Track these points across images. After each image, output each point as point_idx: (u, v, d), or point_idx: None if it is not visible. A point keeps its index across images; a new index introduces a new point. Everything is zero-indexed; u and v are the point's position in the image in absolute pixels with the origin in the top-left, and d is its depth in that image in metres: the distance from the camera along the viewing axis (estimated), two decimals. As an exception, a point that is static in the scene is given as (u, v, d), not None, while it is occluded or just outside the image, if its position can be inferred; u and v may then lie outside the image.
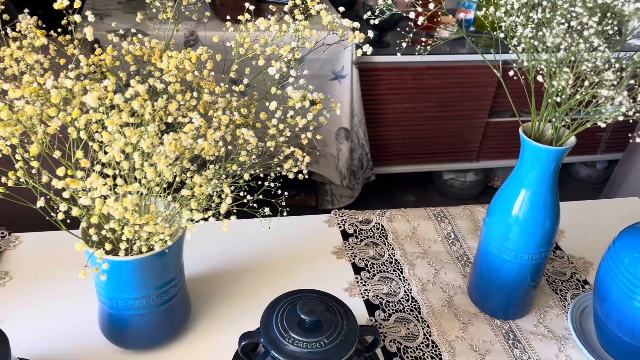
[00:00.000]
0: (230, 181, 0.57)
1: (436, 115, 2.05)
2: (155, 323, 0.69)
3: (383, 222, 0.96)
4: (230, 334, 0.71)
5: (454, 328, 0.77)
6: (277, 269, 0.85)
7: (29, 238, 0.86)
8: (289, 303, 0.65)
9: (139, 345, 0.71)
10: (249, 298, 0.79)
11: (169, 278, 0.67)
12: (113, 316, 0.68)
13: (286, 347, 0.60)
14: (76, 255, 0.83)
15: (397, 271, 0.86)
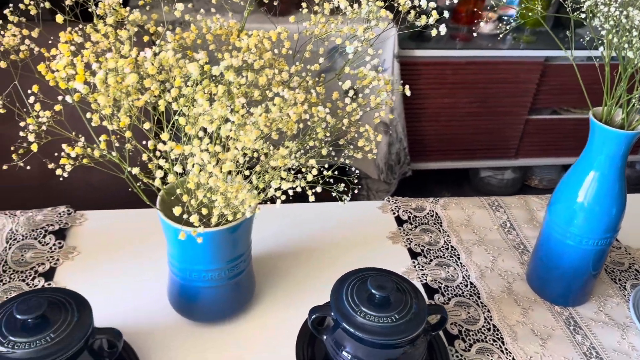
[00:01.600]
0: (312, 154, 0.58)
1: (476, 111, 2.04)
2: (223, 296, 0.71)
3: (437, 209, 0.96)
4: (294, 311, 0.73)
5: (515, 313, 0.77)
6: (334, 252, 0.86)
7: (94, 216, 0.89)
8: (358, 279, 0.66)
9: (206, 317, 0.72)
10: (309, 278, 0.81)
11: (239, 252, 0.69)
12: (184, 288, 0.70)
13: (357, 320, 0.62)
14: (141, 232, 0.86)
15: (454, 257, 0.87)
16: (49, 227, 0.85)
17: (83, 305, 0.61)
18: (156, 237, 0.83)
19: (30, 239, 0.83)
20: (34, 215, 0.87)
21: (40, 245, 0.82)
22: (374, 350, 0.62)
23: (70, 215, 0.88)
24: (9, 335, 0.56)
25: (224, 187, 0.51)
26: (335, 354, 0.64)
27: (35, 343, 0.56)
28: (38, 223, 0.86)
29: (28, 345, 0.55)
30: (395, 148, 1.93)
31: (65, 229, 0.86)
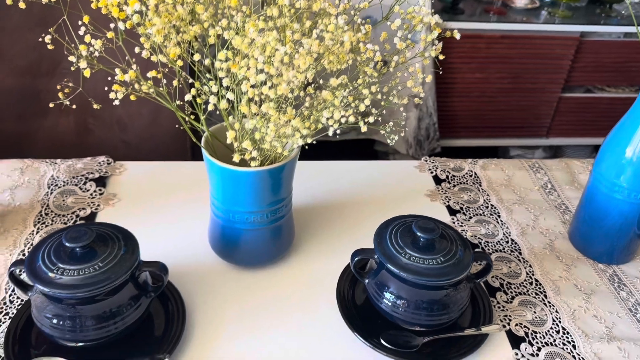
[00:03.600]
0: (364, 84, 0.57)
1: (508, 87, 2.01)
2: (263, 241, 0.71)
3: (476, 169, 0.95)
4: (333, 260, 0.73)
5: (557, 269, 0.76)
6: (372, 208, 0.85)
7: (133, 166, 0.90)
8: (402, 224, 0.65)
9: (246, 261, 0.72)
10: (347, 230, 0.80)
11: (281, 197, 0.68)
12: (226, 230, 0.70)
13: (402, 261, 0.61)
14: (180, 183, 0.86)
15: (494, 215, 0.85)
16: (89, 175, 0.86)
17: (130, 239, 0.61)
18: (195, 187, 0.84)
19: (71, 185, 0.84)
20: (74, 164, 0.88)
21: (81, 191, 0.83)
22: (418, 291, 0.61)
23: (109, 165, 0.89)
24: (58, 262, 0.56)
25: (276, 116, 0.50)
26: (377, 296, 0.64)
27: (83, 271, 0.56)
28: (78, 171, 0.87)
29: (76, 273, 0.56)
30: (425, 123, 1.91)
31: (105, 177, 0.86)
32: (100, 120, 1.15)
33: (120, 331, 0.59)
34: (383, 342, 0.62)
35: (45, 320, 0.57)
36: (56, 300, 0.56)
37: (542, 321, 0.68)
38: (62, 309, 0.56)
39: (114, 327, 0.58)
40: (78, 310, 0.56)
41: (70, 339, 0.58)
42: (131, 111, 1.14)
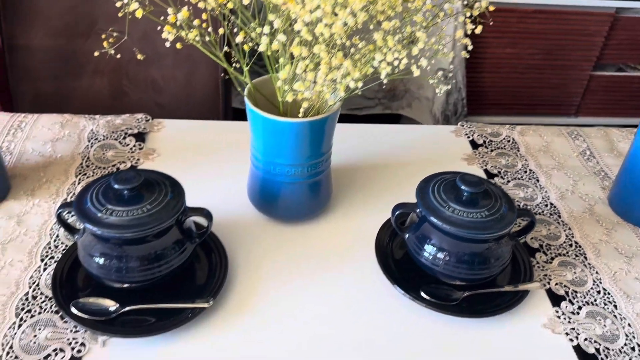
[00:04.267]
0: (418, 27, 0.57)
1: (538, 63, 1.97)
2: (302, 195, 0.71)
3: (514, 135, 0.94)
4: (370, 218, 0.73)
5: (597, 232, 0.75)
6: (408, 169, 0.84)
7: (171, 124, 0.90)
8: (444, 180, 0.65)
9: (284, 215, 0.73)
10: (384, 190, 0.80)
11: (322, 151, 0.68)
12: (265, 183, 0.70)
13: (445, 214, 0.61)
14: (218, 140, 0.87)
15: (533, 180, 0.84)
16: (128, 131, 0.87)
17: (176, 185, 0.62)
18: (231, 146, 0.84)
19: (111, 139, 0.85)
20: (113, 120, 0.89)
21: (120, 145, 0.84)
22: (460, 245, 0.61)
23: (147, 122, 0.89)
24: (107, 203, 0.57)
25: (327, 58, 0.50)
26: (417, 251, 0.64)
27: (131, 212, 0.57)
28: (117, 126, 0.87)
29: (125, 214, 0.57)
30: (454, 98, 1.89)
31: (143, 133, 0.87)
32: (134, 82, 1.15)
33: (165, 274, 0.60)
34: (423, 294, 0.62)
35: (92, 262, 0.58)
36: (104, 241, 0.57)
37: (582, 281, 0.68)
38: (110, 249, 0.57)
39: (158, 270, 0.59)
40: (125, 251, 0.57)
41: (116, 280, 0.59)
42: (166, 74, 1.15)
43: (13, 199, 0.73)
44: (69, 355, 0.55)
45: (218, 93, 1.19)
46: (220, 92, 1.19)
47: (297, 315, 0.62)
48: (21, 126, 0.86)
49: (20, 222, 0.70)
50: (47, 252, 0.66)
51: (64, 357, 0.55)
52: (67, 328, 0.58)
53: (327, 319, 0.61)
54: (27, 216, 0.71)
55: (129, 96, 1.16)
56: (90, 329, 0.57)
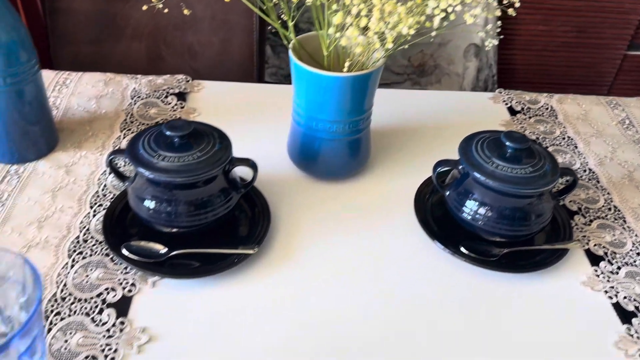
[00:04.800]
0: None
1: (571, 41, 1.94)
2: (342, 152, 0.72)
3: (552, 103, 0.93)
4: (408, 178, 0.74)
5: (636, 197, 0.75)
6: (446, 133, 0.85)
7: (211, 85, 0.91)
8: (487, 137, 0.66)
9: (323, 172, 0.74)
10: (422, 153, 0.80)
11: (364, 108, 0.69)
12: (307, 139, 0.71)
13: (489, 169, 0.61)
14: (258, 101, 0.88)
15: (571, 146, 0.84)
16: (170, 90, 0.88)
17: (224, 137, 0.63)
18: (270, 107, 0.85)
19: (153, 98, 0.87)
20: (154, 79, 0.90)
21: (162, 104, 0.86)
22: (502, 200, 0.61)
23: (188, 82, 0.91)
24: (159, 149, 0.59)
25: (380, 5, 0.51)
26: (457, 207, 0.64)
27: (182, 158, 0.58)
28: (159, 85, 0.89)
29: (176, 160, 0.58)
30: (484, 74, 1.88)
31: (184, 93, 0.88)
32: (172, 47, 1.17)
33: (211, 222, 0.61)
34: (463, 249, 0.63)
35: (142, 206, 0.60)
36: (155, 185, 0.59)
37: (622, 244, 0.68)
38: (160, 193, 0.59)
39: (204, 216, 0.61)
40: (174, 195, 0.59)
41: (165, 224, 0.61)
42: (202, 39, 1.16)
43: (61, 150, 0.75)
44: (120, 294, 0.57)
45: (252, 61, 1.20)
46: (254, 60, 1.20)
47: (337, 268, 0.63)
48: (66, 83, 0.88)
49: (68, 172, 0.72)
50: (96, 200, 0.68)
51: (115, 296, 0.57)
52: (118, 270, 0.60)
53: (366, 273, 0.63)
54: (75, 166, 0.73)
55: (166, 61, 1.18)
56: (140, 270, 0.59)
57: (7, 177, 0.70)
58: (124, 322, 0.55)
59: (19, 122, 0.71)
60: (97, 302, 0.56)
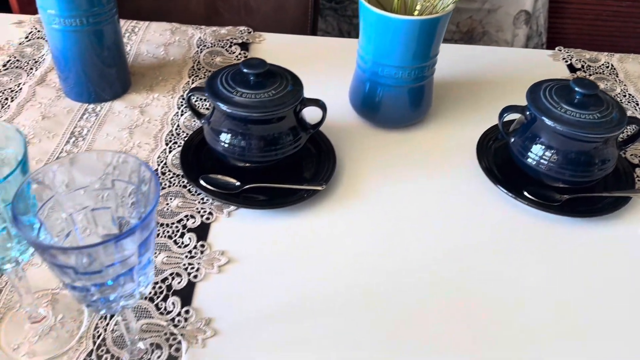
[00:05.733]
0: None
1: (625, 11, 1.89)
2: (405, 99, 0.73)
3: (613, 61, 0.93)
4: (469, 128, 0.75)
5: (700, 154, 0.75)
6: (508, 88, 0.85)
7: (270, 36, 0.94)
8: (555, 84, 0.66)
9: (385, 120, 0.75)
10: (483, 106, 0.81)
11: (430, 55, 0.70)
12: (370, 85, 0.72)
13: (556, 114, 0.62)
14: (319, 53, 0.90)
15: (632, 103, 0.84)
16: (233, 40, 0.91)
17: (296, 78, 0.65)
18: (331, 58, 0.87)
19: (218, 47, 0.89)
20: (218, 30, 0.93)
21: (227, 53, 0.88)
22: (568, 145, 0.62)
23: (250, 34, 0.93)
24: (236, 86, 0.62)
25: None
26: (522, 153, 0.65)
27: (258, 95, 0.61)
28: (222, 36, 0.92)
29: (253, 96, 0.61)
30: (533, 42, 1.85)
31: (247, 43, 0.91)
32: (228, 3, 1.19)
33: (281, 159, 0.64)
34: (526, 194, 0.65)
35: (218, 141, 0.63)
36: (232, 119, 0.62)
37: (685, 196, 0.68)
38: (236, 127, 0.62)
39: (274, 153, 0.63)
40: (249, 130, 0.62)
41: (238, 158, 0.64)
42: (258, -5, 1.18)
43: (134, 92, 0.79)
44: (199, 221, 0.61)
45: (307, 18, 1.21)
46: (309, 17, 1.21)
47: (400, 210, 0.65)
48: (135, 30, 0.91)
49: (143, 112, 0.75)
50: (170, 138, 0.72)
51: (195, 222, 0.61)
52: (195, 200, 0.63)
53: (428, 216, 0.64)
54: (148, 107, 0.76)
55: (223, 17, 1.20)
56: (217, 200, 0.62)
57: (85, 115, 0.74)
58: (204, 245, 0.58)
59: (97, 64, 0.74)
60: (178, 227, 0.60)
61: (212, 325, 0.51)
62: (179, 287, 0.54)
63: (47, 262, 0.35)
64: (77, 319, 0.50)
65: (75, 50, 0.72)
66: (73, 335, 0.49)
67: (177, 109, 0.76)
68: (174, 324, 0.51)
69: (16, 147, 0.40)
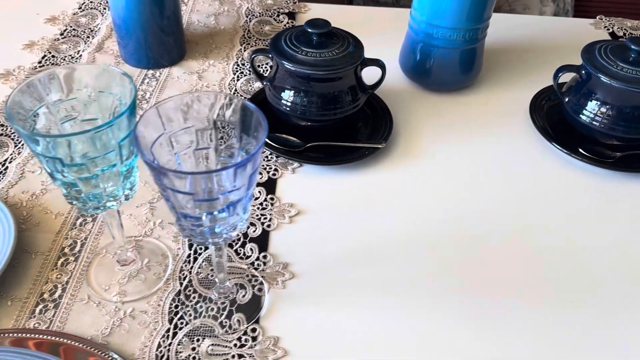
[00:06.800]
0: None
1: (653, -12, 1.88)
2: (457, 62, 0.75)
3: (655, 28, 0.93)
4: (519, 92, 0.76)
5: None
6: (552, 56, 0.86)
7: (315, 7, 0.95)
8: (609, 45, 0.67)
9: (436, 83, 0.77)
10: (529, 72, 0.82)
11: (484, 17, 0.72)
12: (423, 48, 0.74)
13: (612, 71, 0.63)
14: (364, 21, 0.91)
15: (677, 68, 0.85)
16: (280, 10, 0.93)
17: (357, 40, 0.67)
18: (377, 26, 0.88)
19: (266, 16, 0.91)
20: (264, 0, 0.95)
21: (275, 22, 0.90)
22: (624, 99, 0.64)
23: (295, 4, 0.95)
24: (300, 46, 0.64)
25: None
26: (576, 111, 0.67)
27: (321, 54, 0.63)
28: (269, 6, 0.94)
29: (317, 55, 0.63)
30: (561, 20, 1.85)
31: (293, 13, 0.93)
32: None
33: (340, 118, 0.66)
34: (581, 150, 0.66)
35: (281, 100, 0.65)
36: (295, 78, 0.64)
37: None
38: (299, 85, 0.64)
39: (334, 112, 0.65)
40: (312, 87, 0.64)
41: (300, 117, 0.66)
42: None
43: (190, 59, 0.81)
44: (265, 177, 0.63)
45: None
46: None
47: (456, 170, 0.66)
48: (184, 1, 0.93)
49: (201, 77, 0.78)
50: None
51: (262, 178, 0.63)
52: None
53: (484, 174, 0.66)
54: (205, 73, 0.79)
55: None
56: (283, 156, 0.64)
57: (146, 80, 0.77)
58: (273, 198, 0.61)
59: (157, 32, 0.76)
60: (247, 181, 0.62)
61: (289, 269, 0.53)
62: (254, 235, 0.57)
63: (165, 190, 0.37)
64: (162, 263, 0.53)
65: (137, 18, 0.74)
66: (160, 277, 0.52)
67: (232, 75, 0.78)
68: (254, 267, 0.53)
69: (123, 89, 0.42)
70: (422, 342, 0.48)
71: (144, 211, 0.58)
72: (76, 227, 0.56)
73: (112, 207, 0.44)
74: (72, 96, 0.43)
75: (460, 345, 0.48)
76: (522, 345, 0.49)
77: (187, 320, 0.49)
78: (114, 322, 0.48)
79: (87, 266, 0.53)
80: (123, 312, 0.49)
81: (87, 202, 0.42)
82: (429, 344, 0.48)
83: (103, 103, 0.43)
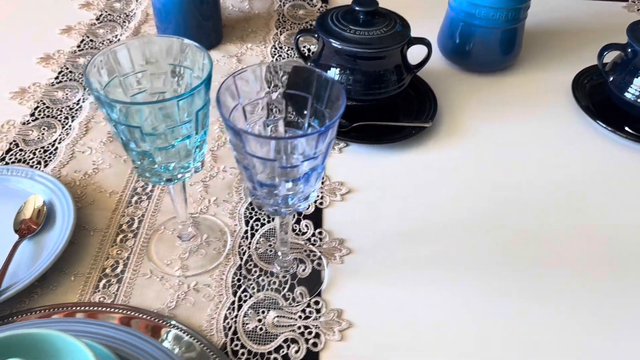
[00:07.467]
0: None
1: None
2: (497, 42, 0.75)
3: (689, 10, 0.93)
4: (560, 73, 0.77)
5: None
6: (589, 38, 0.86)
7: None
8: (655, 21, 0.67)
9: (475, 63, 0.77)
10: (567, 54, 0.82)
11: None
12: (464, 28, 0.74)
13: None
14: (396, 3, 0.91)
15: None
16: (313, -6, 0.93)
17: (403, 20, 0.67)
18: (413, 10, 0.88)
19: (299, 1, 0.91)
20: (296, -15, 0.95)
21: (309, 6, 0.90)
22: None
23: (327, -14, 0.95)
24: (348, 24, 0.64)
25: None
26: (622, 89, 0.67)
27: (369, 32, 0.63)
28: (302, -10, 0.94)
29: (364, 33, 0.63)
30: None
31: (326, -3, 0.93)
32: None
33: (384, 98, 0.66)
34: (627, 128, 0.66)
35: (327, 81, 0.65)
36: (341, 55, 0.64)
37: None
38: (345, 62, 0.64)
39: (379, 92, 0.66)
40: (358, 65, 0.64)
41: (346, 96, 0.66)
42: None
43: (228, 43, 0.81)
44: (313, 156, 0.63)
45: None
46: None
47: (501, 148, 0.66)
48: (217, -14, 0.93)
49: (240, 60, 0.78)
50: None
51: (310, 157, 0.63)
52: (306, 137, 0.66)
53: (529, 153, 0.66)
54: (244, 56, 0.79)
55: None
56: (331, 135, 0.64)
57: (186, 63, 0.77)
58: (323, 176, 0.61)
59: (196, 16, 0.77)
60: (296, 160, 0.63)
61: (346, 245, 0.54)
62: (308, 213, 0.57)
63: (246, 158, 0.37)
64: (221, 239, 0.53)
65: (177, 2, 0.74)
66: (220, 252, 0.52)
67: (271, 57, 0.79)
68: (311, 243, 0.54)
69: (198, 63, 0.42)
70: (481, 316, 0.49)
71: (199, 189, 0.59)
72: (132, 204, 0.57)
73: (184, 179, 0.44)
74: (142, 69, 0.43)
75: (516, 318, 0.49)
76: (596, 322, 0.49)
77: (250, 293, 0.49)
78: (178, 296, 0.49)
79: (146, 242, 0.53)
80: (187, 285, 0.49)
81: (161, 173, 0.43)
82: (488, 319, 0.48)
83: (172, 76, 0.44)
